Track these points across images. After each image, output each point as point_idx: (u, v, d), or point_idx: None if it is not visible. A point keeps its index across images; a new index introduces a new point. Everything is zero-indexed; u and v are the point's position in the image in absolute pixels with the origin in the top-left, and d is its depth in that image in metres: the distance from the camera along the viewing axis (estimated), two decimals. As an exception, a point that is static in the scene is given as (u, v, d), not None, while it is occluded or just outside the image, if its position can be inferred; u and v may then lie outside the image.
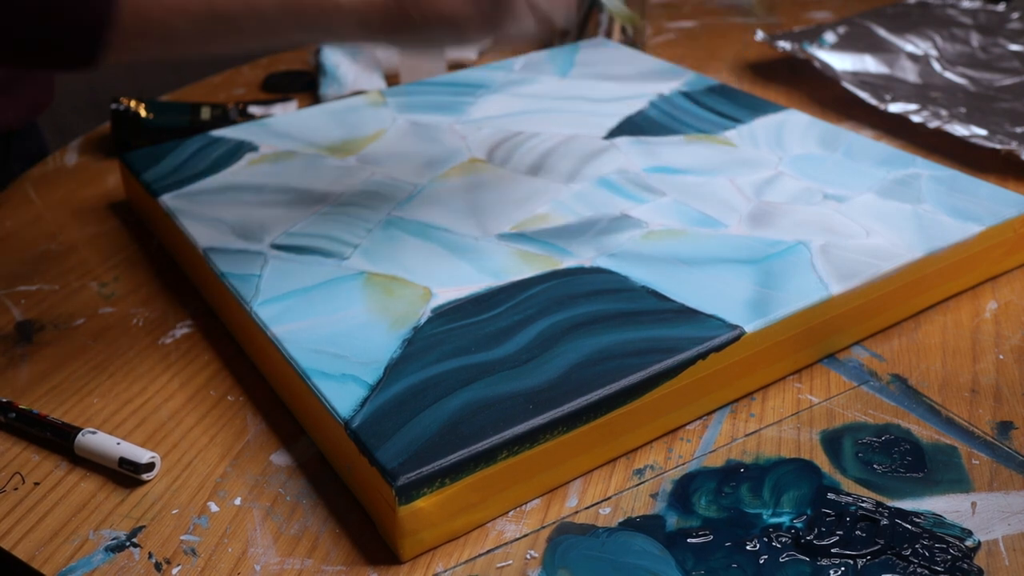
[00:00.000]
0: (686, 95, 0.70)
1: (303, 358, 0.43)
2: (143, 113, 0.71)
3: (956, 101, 0.73)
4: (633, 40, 0.57)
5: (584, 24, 0.59)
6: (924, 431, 0.44)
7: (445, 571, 0.38)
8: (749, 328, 0.44)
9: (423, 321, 0.46)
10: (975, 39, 0.86)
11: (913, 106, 0.71)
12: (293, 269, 0.50)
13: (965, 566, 0.37)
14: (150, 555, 0.38)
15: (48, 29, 0.39)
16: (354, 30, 0.46)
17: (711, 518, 0.39)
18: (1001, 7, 0.92)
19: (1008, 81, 0.78)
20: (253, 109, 0.74)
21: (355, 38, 0.47)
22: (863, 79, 0.77)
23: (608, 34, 0.56)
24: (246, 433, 0.45)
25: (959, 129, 0.67)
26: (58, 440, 0.44)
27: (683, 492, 0.41)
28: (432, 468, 0.37)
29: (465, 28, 0.47)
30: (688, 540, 0.38)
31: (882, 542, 0.38)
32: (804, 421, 0.44)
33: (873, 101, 0.72)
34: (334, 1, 0.44)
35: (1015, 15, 0.90)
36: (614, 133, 0.65)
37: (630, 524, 0.39)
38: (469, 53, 0.85)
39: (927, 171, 0.58)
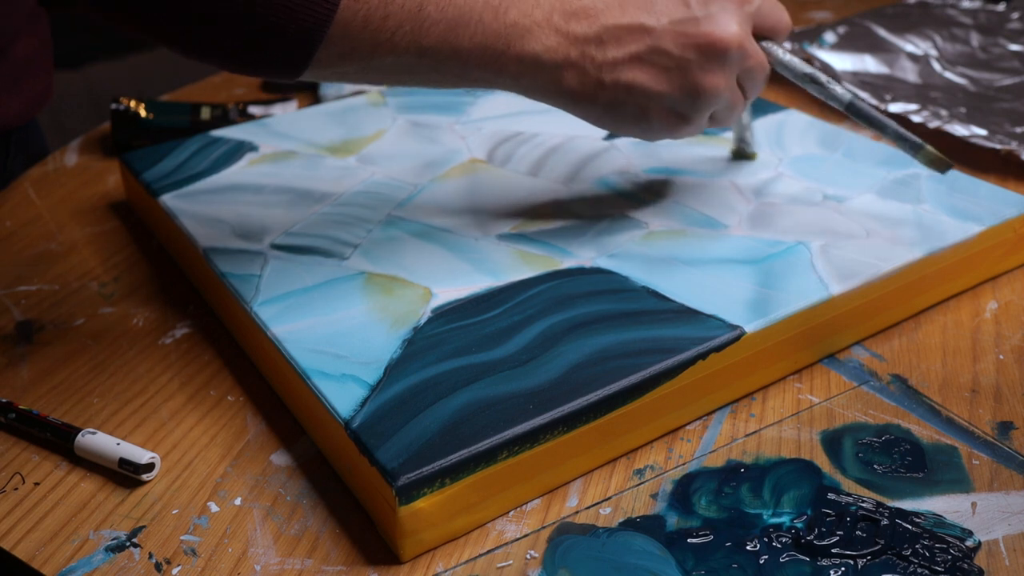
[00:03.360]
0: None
1: (303, 358, 0.43)
2: (143, 113, 0.71)
3: (956, 101, 0.73)
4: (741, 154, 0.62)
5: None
6: (924, 431, 0.44)
7: (445, 571, 0.38)
8: (749, 328, 0.44)
9: (423, 321, 0.46)
10: (975, 39, 0.86)
11: (913, 106, 0.71)
12: (293, 269, 0.50)
13: (965, 566, 0.37)
14: (150, 555, 0.38)
15: (265, 42, 0.41)
16: (547, 86, 0.47)
17: (711, 518, 0.39)
18: (1001, 7, 0.92)
19: (1008, 81, 0.78)
20: (253, 109, 0.74)
21: (547, 97, 0.48)
22: (863, 79, 0.77)
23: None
24: (246, 433, 0.45)
25: (959, 129, 0.67)
26: (58, 440, 0.44)
27: (683, 492, 0.41)
28: (432, 468, 0.37)
29: (653, 108, 0.48)
30: (688, 540, 0.38)
31: (882, 542, 0.38)
32: (804, 421, 0.44)
33: (873, 101, 0.72)
34: (532, 52, 0.45)
35: (1015, 15, 0.90)
36: (614, 134, 0.65)
37: (630, 524, 0.39)
38: None
39: (927, 171, 0.58)
